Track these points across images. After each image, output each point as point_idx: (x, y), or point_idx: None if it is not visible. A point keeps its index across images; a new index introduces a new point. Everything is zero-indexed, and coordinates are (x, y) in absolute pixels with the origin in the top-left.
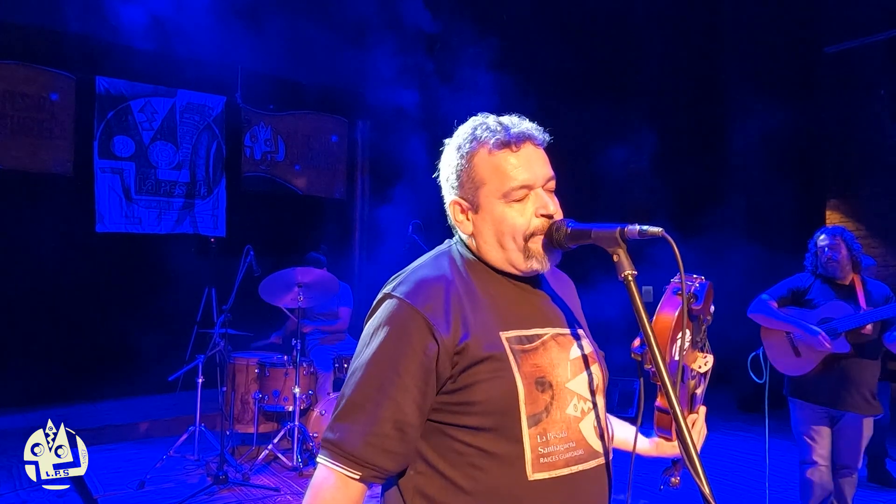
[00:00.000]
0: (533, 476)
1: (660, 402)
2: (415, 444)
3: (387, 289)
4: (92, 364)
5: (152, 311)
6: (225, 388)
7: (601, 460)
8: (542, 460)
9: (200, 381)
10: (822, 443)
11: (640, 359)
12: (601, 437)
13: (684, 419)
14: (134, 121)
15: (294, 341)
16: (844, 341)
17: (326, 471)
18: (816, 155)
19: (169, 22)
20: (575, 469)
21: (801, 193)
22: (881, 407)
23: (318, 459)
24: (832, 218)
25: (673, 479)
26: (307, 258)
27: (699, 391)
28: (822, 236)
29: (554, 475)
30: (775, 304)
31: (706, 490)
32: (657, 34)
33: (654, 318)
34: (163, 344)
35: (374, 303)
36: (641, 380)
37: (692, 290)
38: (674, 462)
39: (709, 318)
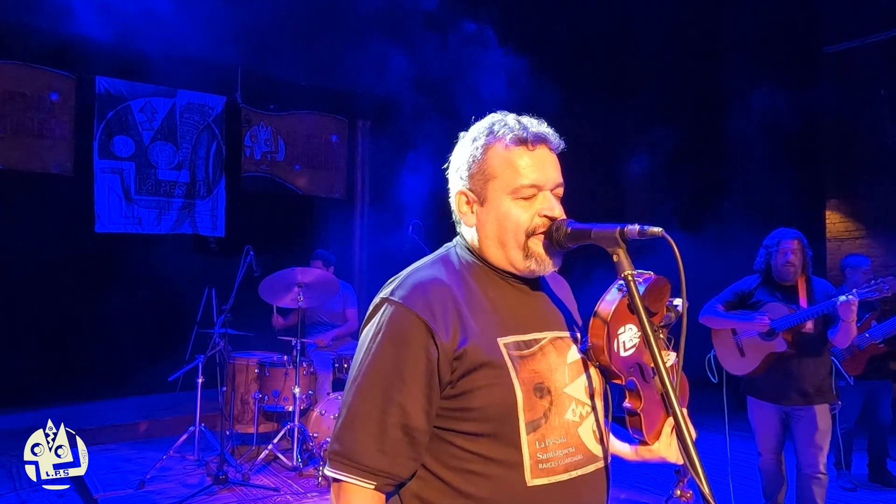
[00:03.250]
0: (532, 482)
1: (628, 403)
2: (424, 449)
3: (384, 293)
4: (92, 364)
5: (152, 311)
6: (225, 388)
7: (600, 464)
8: (541, 466)
9: (200, 381)
10: (769, 435)
11: (584, 357)
12: (600, 441)
13: (682, 417)
14: (134, 121)
15: (294, 341)
16: (782, 340)
17: (341, 485)
18: (816, 155)
19: (169, 22)
20: (574, 474)
21: (802, 193)
22: (835, 396)
23: (328, 472)
24: (832, 218)
25: (678, 492)
26: (316, 254)
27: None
28: (788, 241)
29: (553, 481)
30: (722, 308)
31: (706, 490)
32: (657, 35)
33: (593, 313)
34: (163, 344)
35: (372, 307)
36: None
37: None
38: (676, 471)
39: (671, 314)
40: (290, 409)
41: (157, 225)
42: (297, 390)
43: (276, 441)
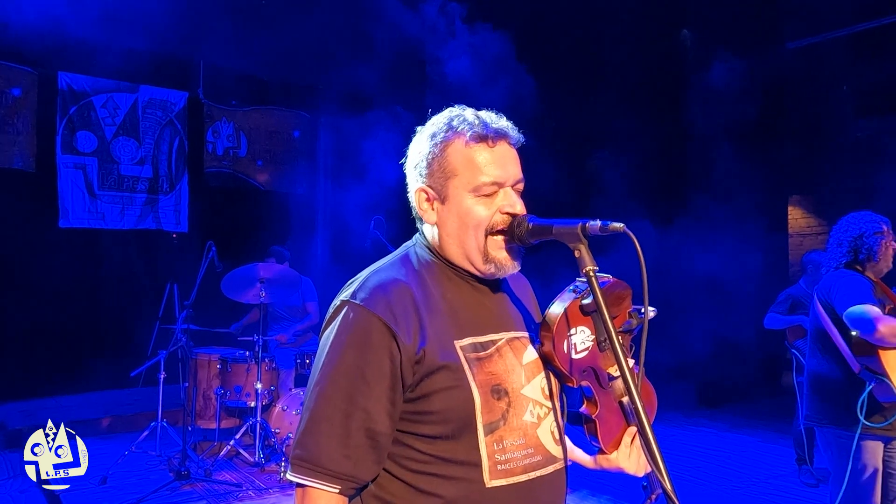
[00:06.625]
0: (491, 483)
1: (584, 408)
2: (387, 452)
3: (344, 295)
4: (54, 359)
5: (114, 307)
6: (187, 384)
7: (559, 465)
8: (499, 467)
9: (162, 376)
10: (879, 483)
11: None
12: (559, 441)
13: (646, 424)
14: (96, 116)
15: (255, 337)
16: None
17: (305, 490)
18: (779, 150)
19: (131, 17)
20: (533, 475)
21: (765, 188)
22: None
23: (291, 478)
24: (794, 213)
25: None
26: (271, 250)
27: (627, 399)
28: (888, 226)
29: (512, 482)
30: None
31: (668, 486)
32: (621, 30)
33: (544, 314)
34: (125, 339)
35: (332, 310)
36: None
37: (585, 288)
38: (644, 486)
39: (633, 320)
40: (252, 404)
41: (120, 220)
42: (259, 386)
43: (238, 437)
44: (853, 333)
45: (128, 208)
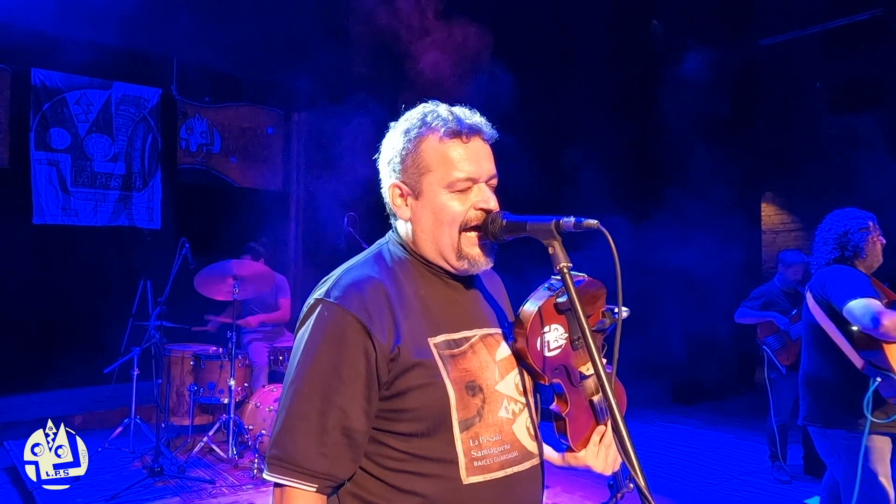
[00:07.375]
0: (468, 480)
1: (555, 406)
2: (364, 450)
3: (318, 293)
4: (27, 356)
5: (87, 303)
6: (160, 381)
7: (535, 461)
8: (476, 464)
9: (136, 373)
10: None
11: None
12: (535, 437)
13: (620, 420)
14: (69, 113)
15: (229, 333)
16: None
17: (283, 489)
18: (753, 147)
19: (104, 13)
20: (510, 471)
21: (738, 185)
22: None
23: (268, 477)
24: (767, 210)
25: None
26: (247, 247)
27: (597, 398)
28: (870, 223)
29: (489, 478)
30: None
31: (641, 483)
32: (594, 26)
33: (518, 311)
34: (98, 336)
35: (306, 308)
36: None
37: (560, 286)
38: (610, 485)
39: (606, 319)
40: (226, 401)
41: (93, 217)
42: (232, 383)
43: (211, 434)
44: (854, 329)
45: (101, 205)
